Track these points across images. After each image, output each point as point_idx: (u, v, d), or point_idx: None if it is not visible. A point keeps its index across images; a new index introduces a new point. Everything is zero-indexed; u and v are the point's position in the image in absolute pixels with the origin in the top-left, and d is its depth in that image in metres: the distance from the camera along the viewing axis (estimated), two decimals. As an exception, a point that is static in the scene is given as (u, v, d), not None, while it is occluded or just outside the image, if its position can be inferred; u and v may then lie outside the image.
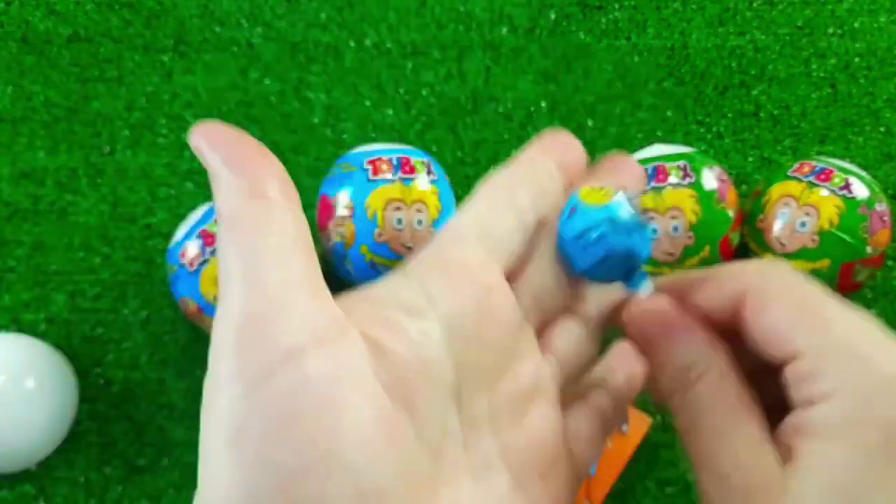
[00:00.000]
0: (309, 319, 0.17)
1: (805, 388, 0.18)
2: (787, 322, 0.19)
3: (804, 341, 0.19)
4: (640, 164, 0.23)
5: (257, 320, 0.17)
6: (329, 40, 0.59)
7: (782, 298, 0.20)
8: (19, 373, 0.45)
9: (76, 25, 0.59)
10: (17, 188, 0.54)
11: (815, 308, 0.19)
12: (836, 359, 0.18)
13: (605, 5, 0.61)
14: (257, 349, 0.16)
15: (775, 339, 0.19)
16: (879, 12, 0.61)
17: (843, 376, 0.18)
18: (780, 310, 0.19)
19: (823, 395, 0.18)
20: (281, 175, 0.20)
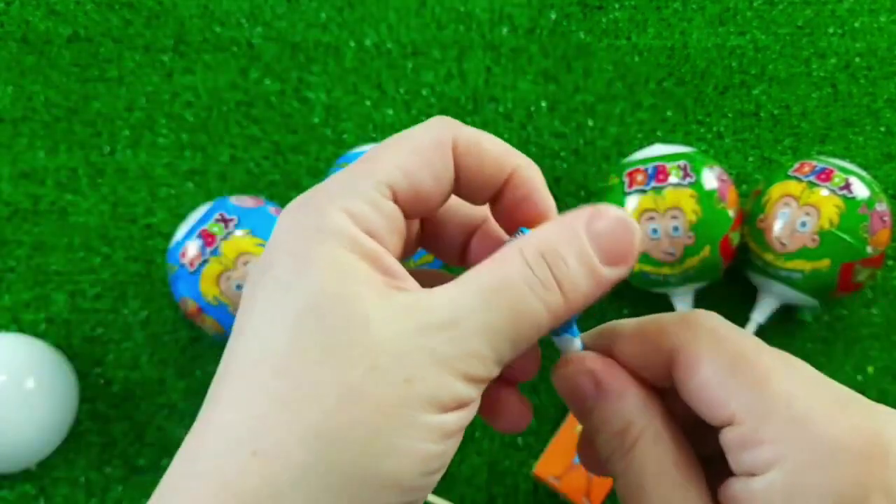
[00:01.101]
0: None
1: (744, 457, 0.17)
2: (720, 383, 0.18)
3: (739, 404, 0.18)
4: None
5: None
6: (329, 40, 0.59)
7: (713, 355, 0.18)
8: (19, 373, 0.45)
9: (76, 25, 0.59)
10: (17, 188, 0.54)
11: (749, 365, 0.18)
12: (775, 425, 0.17)
13: (605, 5, 0.61)
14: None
15: (709, 401, 0.18)
16: (880, 12, 0.61)
17: (782, 445, 0.17)
18: (712, 369, 0.18)
19: (764, 465, 0.17)
20: None
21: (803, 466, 0.17)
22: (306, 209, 0.19)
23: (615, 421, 0.20)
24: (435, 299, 0.18)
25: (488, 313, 0.17)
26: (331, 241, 0.18)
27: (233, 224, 0.45)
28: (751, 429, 0.17)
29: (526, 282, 0.18)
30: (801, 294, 0.47)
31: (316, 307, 0.17)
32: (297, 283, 0.17)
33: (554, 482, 0.45)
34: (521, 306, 0.18)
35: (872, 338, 0.52)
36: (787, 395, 0.17)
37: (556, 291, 0.18)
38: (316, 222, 0.18)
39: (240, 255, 0.44)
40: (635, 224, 0.19)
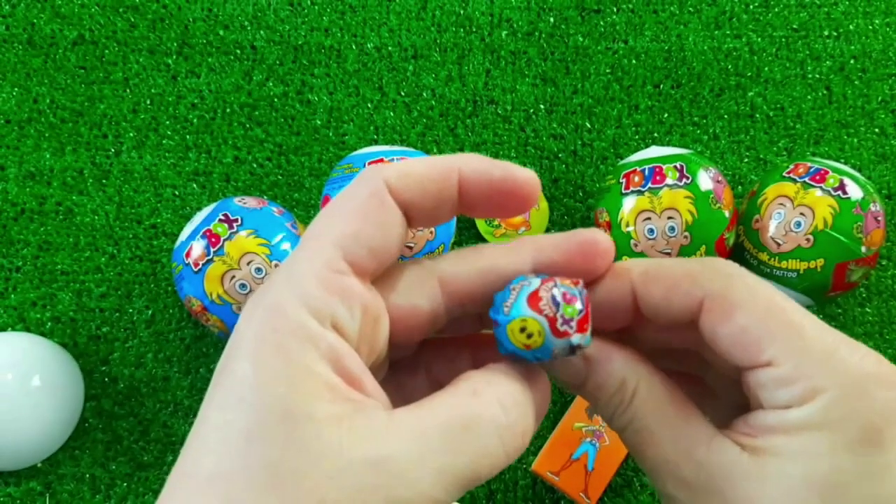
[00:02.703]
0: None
1: (780, 393, 0.18)
2: (756, 329, 0.19)
3: (779, 349, 0.18)
4: (527, 176, 0.20)
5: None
6: (331, 43, 0.60)
7: (748, 305, 0.19)
8: (26, 371, 0.46)
9: (82, 28, 0.60)
10: (23, 189, 0.55)
11: (783, 314, 0.19)
12: (812, 364, 0.18)
13: (602, 9, 0.62)
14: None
15: (745, 345, 0.19)
16: (874, 15, 0.62)
17: (820, 380, 0.18)
18: (748, 318, 0.19)
19: (801, 399, 0.18)
20: None
21: (840, 397, 0.18)
22: (265, 305, 0.18)
23: (610, 383, 0.21)
24: (394, 430, 0.17)
25: (450, 457, 0.17)
26: (289, 342, 0.17)
27: (237, 224, 0.46)
28: (790, 368, 0.18)
29: (494, 424, 0.18)
30: (795, 293, 0.48)
31: (268, 429, 0.16)
32: (250, 396, 0.17)
33: (552, 477, 0.46)
34: (486, 448, 0.17)
35: (866, 336, 0.53)
36: (820, 338, 0.18)
37: (520, 438, 0.18)
38: (274, 323, 0.17)
39: (244, 255, 0.45)
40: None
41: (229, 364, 0.17)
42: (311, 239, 0.19)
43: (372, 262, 0.19)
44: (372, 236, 0.19)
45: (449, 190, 0.20)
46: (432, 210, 0.20)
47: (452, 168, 0.20)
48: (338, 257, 0.18)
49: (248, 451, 0.16)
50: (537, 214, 0.55)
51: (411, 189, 0.19)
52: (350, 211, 0.19)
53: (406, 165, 0.19)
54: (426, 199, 0.19)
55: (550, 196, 0.56)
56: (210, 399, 0.18)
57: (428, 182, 0.19)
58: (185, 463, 0.17)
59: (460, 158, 0.20)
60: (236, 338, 0.18)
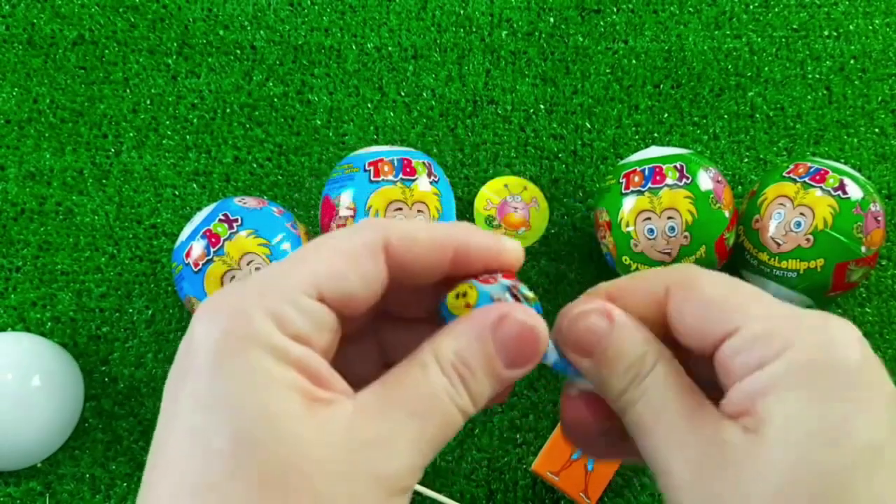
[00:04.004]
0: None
1: (752, 355, 0.19)
2: (720, 302, 0.20)
3: (744, 315, 0.19)
4: (515, 247, 0.22)
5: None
6: (331, 44, 0.60)
7: (709, 283, 0.20)
8: (26, 371, 0.46)
9: (82, 28, 0.60)
10: (23, 189, 0.55)
11: (742, 288, 0.20)
12: (780, 319, 0.19)
13: (602, 9, 0.62)
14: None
15: (708, 321, 0.20)
16: (874, 15, 0.62)
17: (787, 336, 0.18)
18: (711, 292, 0.20)
19: (778, 351, 0.18)
20: None
21: (809, 350, 0.18)
22: (228, 312, 0.18)
23: (632, 350, 0.21)
24: (366, 414, 0.18)
25: (421, 429, 0.18)
26: (253, 349, 0.17)
27: (237, 224, 0.46)
28: (758, 328, 0.19)
29: (448, 395, 0.19)
30: (795, 293, 0.48)
31: (244, 434, 0.17)
32: (223, 402, 0.17)
33: (552, 478, 0.46)
34: (446, 417, 0.19)
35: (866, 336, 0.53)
36: (780, 305, 0.20)
37: (468, 401, 0.20)
38: (237, 328, 0.18)
39: (244, 255, 0.45)
40: (541, 329, 0.20)
41: (189, 368, 0.18)
42: (292, 261, 0.19)
43: (341, 305, 0.19)
44: (349, 284, 0.19)
45: (444, 262, 0.21)
46: (421, 275, 0.21)
47: (452, 242, 0.21)
48: (311, 287, 0.19)
49: (227, 462, 0.16)
50: (537, 214, 0.55)
51: (410, 254, 0.20)
52: (340, 252, 0.19)
53: (411, 229, 0.20)
54: (418, 266, 0.20)
55: (550, 196, 0.56)
56: (171, 412, 0.18)
57: (428, 252, 0.20)
58: (156, 482, 0.17)
59: (461, 232, 0.21)
60: (196, 341, 0.18)
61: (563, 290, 0.54)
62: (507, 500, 0.49)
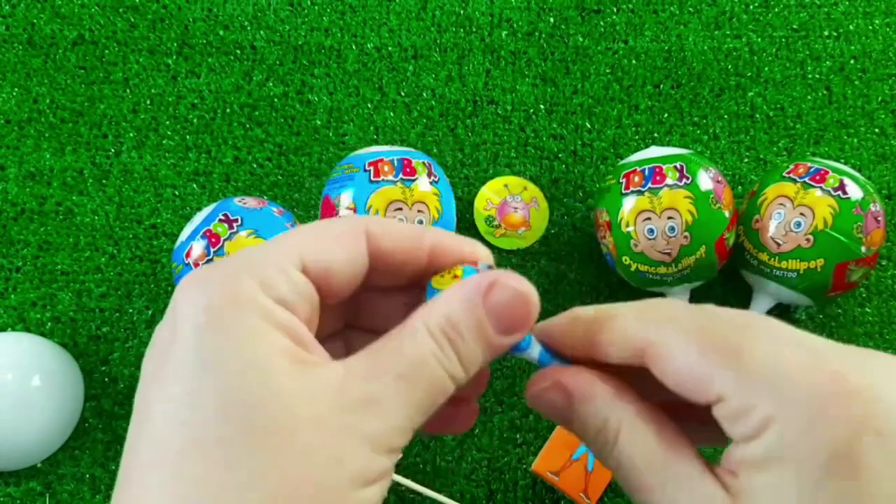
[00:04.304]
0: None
1: (738, 427, 0.18)
2: (697, 369, 0.18)
3: (722, 383, 0.18)
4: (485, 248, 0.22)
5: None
6: (331, 44, 0.60)
7: (683, 345, 0.19)
8: (26, 371, 0.46)
9: (82, 28, 0.60)
10: (23, 189, 0.55)
11: (720, 342, 0.18)
12: (760, 391, 0.17)
13: (602, 9, 0.62)
14: None
15: (692, 387, 0.19)
16: (874, 15, 0.62)
17: (771, 406, 0.17)
18: (687, 359, 0.19)
19: (758, 429, 0.17)
20: None
21: (795, 421, 0.17)
22: (216, 279, 0.18)
23: (592, 421, 0.20)
24: (354, 376, 0.18)
25: (409, 392, 0.18)
26: (244, 310, 0.18)
27: (237, 225, 0.46)
28: (739, 401, 0.18)
29: (436, 359, 0.19)
30: (795, 293, 0.48)
31: (237, 389, 0.17)
32: (212, 360, 0.17)
33: (552, 478, 0.46)
34: (434, 381, 0.19)
35: (866, 336, 0.53)
36: (765, 359, 0.18)
37: (458, 366, 0.19)
38: (227, 291, 0.18)
39: (244, 255, 0.45)
40: (532, 295, 0.20)
41: (179, 330, 0.18)
42: (278, 238, 0.20)
43: (323, 280, 0.20)
44: (334, 258, 0.20)
45: (420, 255, 0.21)
46: (399, 265, 0.21)
47: (428, 236, 0.21)
48: (297, 258, 0.19)
49: (220, 414, 0.17)
50: (537, 214, 0.55)
51: (389, 240, 0.21)
52: (324, 232, 0.20)
53: (389, 222, 0.21)
54: (397, 254, 0.21)
55: (550, 196, 0.56)
56: (160, 370, 0.18)
57: (406, 240, 0.21)
58: (148, 432, 0.17)
59: (436, 230, 0.22)
60: (184, 305, 0.18)
61: (563, 290, 0.54)
62: (507, 501, 0.49)
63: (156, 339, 0.19)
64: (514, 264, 0.54)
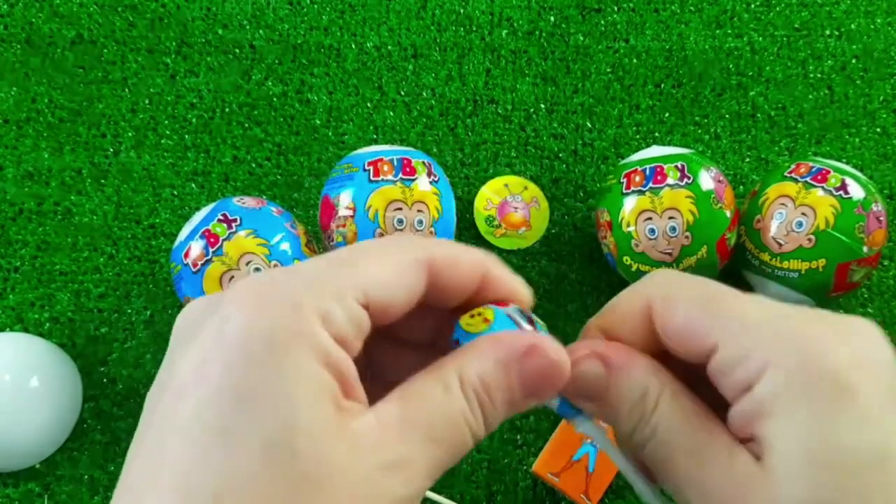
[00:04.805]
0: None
1: (737, 374, 0.19)
2: (697, 317, 0.20)
3: (719, 330, 0.19)
4: (515, 281, 0.22)
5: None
6: (331, 43, 0.60)
7: (684, 298, 0.20)
8: (24, 372, 0.46)
9: (80, 27, 0.59)
10: (21, 189, 0.55)
11: (717, 299, 0.20)
12: (755, 336, 0.18)
13: (603, 8, 0.61)
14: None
15: (691, 336, 0.20)
16: (876, 14, 0.61)
17: (769, 347, 0.18)
18: (687, 308, 0.20)
19: (759, 372, 0.18)
20: None
21: (794, 359, 0.18)
22: (277, 299, 0.17)
23: (633, 390, 0.20)
24: (388, 433, 0.18)
25: (436, 452, 0.18)
26: (301, 347, 0.17)
27: (236, 224, 0.45)
28: (736, 347, 0.19)
29: (465, 419, 0.19)
30: (797, 293, 0.48)
31: (279, 439, 0.16)
32: (256, 401, 0.16)
33: (553, 479, 0.46)
34: (460, 440, 0.19)
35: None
36: (758, 313, 0.19)
37: (483, 426, 0.19)
38: (286, 319, 0.17)
39: (242, 256, 0.44)
40: (566, 365, 0.20)
41: (224, 354, 0.17)
42: (348, 264, 0.19)
43: (380, 313, 0.19)
44: (395, 294, 0.19)
45: (473, 286, 0.21)
46: (451, 296, 0.21)
47: (482, 267, 0.21)
48: (362, 294, 0.18)
49: (261, 461, 0.16)
50: (538, 214, 0.55)
51: (451, 275, 0.20)
52: (390, 260, 0.19)
53: (454, 251, 0.21)
54: (453, 287, 0.21)
55: (551, 196, 0.56)
56: (191, 390, 0.17)
57: (466, 274, 0.21)
58: (164, 466, 0.16)
59: (488, 259, 0.21)
60: (237, 325, 0.17)
61: (563, 290, 0.53)
62: (507, 502, 0.49)
63: (196, 334, 0.17)
64: (515, 264, 0.54)
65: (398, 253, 0.20)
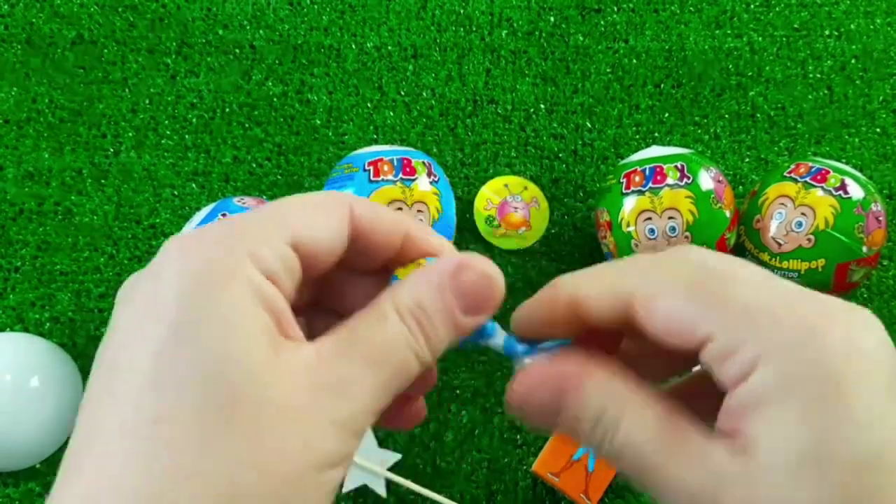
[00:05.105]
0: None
1: (729, 367, 0.18)
2: (682, 312, 0.18)
3: (708, 323, 0.18)
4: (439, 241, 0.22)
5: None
6: (331, 43, 0.60)
7: (667, 291, 0.19)
8: (24, 372, 0.46)
9: (80, 28, 0.60)
10: (22, 189, 0.55)
11: (705, 284, 0.19)
12: (746, 327, 0.18)
13: (603, 8, 0.62)
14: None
15: (678, 332, 0.19)
16: (875, 14, 0.62)
17: (760, 341, 0.17)
18: (672, 299, 0.19)
19: (750, 366, 0.17)
20: None
21: (785, 354, 0.17)
22: (207, 244, 0.18)
23: (589, 411, 0.19)
24: (324, 358, 0.18)
25: (377, 375, 0.19)
26: (231, 282, 0.18)
27: (236, 224, 0.45)
28: (726, 339, 0.18)
29: (406, 342, 0.19)
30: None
31: (215, 364, 0.17)
32: (194, 331, 0.17)
33: (553, 479, 0.46)
34: (403, 364, 0.19)
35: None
36: (748, 301, 0.18)
37: (425, 348, 0.20)
38: (217, 259, 0.18)
39: (243, 255, 0.44)
40: (498, 276, 0.20)
41: (161, 296, 0.17)
42: (272, 210, 0.20)
43: (311, 255, 0.20)
44: (321, 234, 0.20)
45: (396, 241, 0.22)
46: (375, 248, 0.21)
47: (404, 224, 0.22)
48: (289, 235, 0.19)
49: (199, 391, 0.16)
50: (538, 214, 0.55)
51: (371, 223, 0.21)
52: (312, 205, 0.20)
53: (372, 204, 0.21)
54: (375, 237, 0.21)
55: (551, 196, 0.56)
56: (135, 327, 0.18)
57: (386, 225, 0.21)
58: (123, 391, 0.17)
59: (409, 219, 0.22)
60: (180, 262, 0.18)
61: (563, 291, 0.53)
62: (507, 502, 0.49)
63: (134, 290, 0.18)
64: (514, 264, 0.54)
65: (322, 202, 0.20)
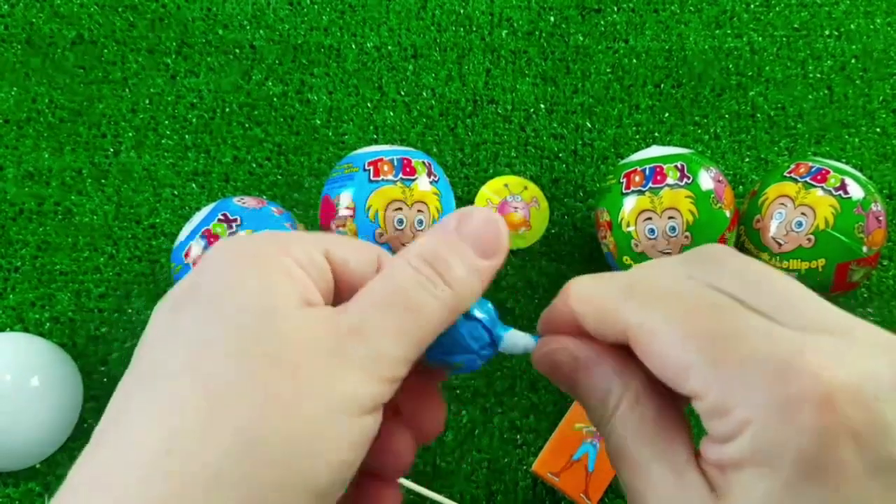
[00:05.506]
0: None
1: (717, 425, 0.17)
2: (675, 358, 0.18)
3: (699, 376, 0.17)
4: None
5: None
6: (331, 43, 0.60)
7: (665, 329, 0.18)
8: (24, 372, 0.46)
9: (80, 28, 0.60)
10: (22, 189, 0.55)
11: (699, 324, 0.18)
12: (737, 393, 0.17)
13: (603, 8, 0.62)
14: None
15: (672, 377, 0.18)
16: (875, 14, 0.61)
17: (749, 410, 0.17)
18: (664, 345, 0.18)
19: (734, 432, 0.17)
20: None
21: (770, 426, 0.16)
22: (243, 241, 0.20)
23: (596, 390, 0.20)
24: (343, 311, 0.19)
25: (389, 317, 0.19)
26: (265, 263, 0.19)
27: (236, 224, 0.45)
28: (716, 399, 0.17)
29: (416, 283, 0.20)
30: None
31: (242, 323, 0.18)
32: (226, 300, 0.18)
33: (552, 478, 0.46)
34: (417, 305, 0.20)
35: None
36: (742, 358, 0.17)
37: (443, 286, 0.20)
38: (257, 248, 0.20)
39: (243, 255, 0.44)
40: (500, 220, 0.21)
41: (202, 280, 0.19)
42: (303, 232, 0.22)
43: (341, 265, 0.21)
44: (352, 256, 0.21)
45: (372, 269, 0.22)
46: (356, 283, 0.22)
47: (375, 250, 0.22)
48: (322, 247, 0.21)
49: (223, 342, 0.18)
50: (538, 214, 0.55)
51: (356, 262, 0.22)
52: (350, 240, 0.22)
53: (345, 240, 0.22)
54: (353, 271, 0.22)
55: (551, 196, 0.56)
56: (181, 311, 0.19)
57: (367, 259, 0.22)
58: (153, 355, 0.18)
59: (381, 252, 0.23)
60: (213, 258, 0.20)
61: (563, 291, 0.53)
62: (507, 502, 0.49)
63: (190, 280, 0.20)
64: (514, 264, 0.54)
65: (359, 243, 0.22)
